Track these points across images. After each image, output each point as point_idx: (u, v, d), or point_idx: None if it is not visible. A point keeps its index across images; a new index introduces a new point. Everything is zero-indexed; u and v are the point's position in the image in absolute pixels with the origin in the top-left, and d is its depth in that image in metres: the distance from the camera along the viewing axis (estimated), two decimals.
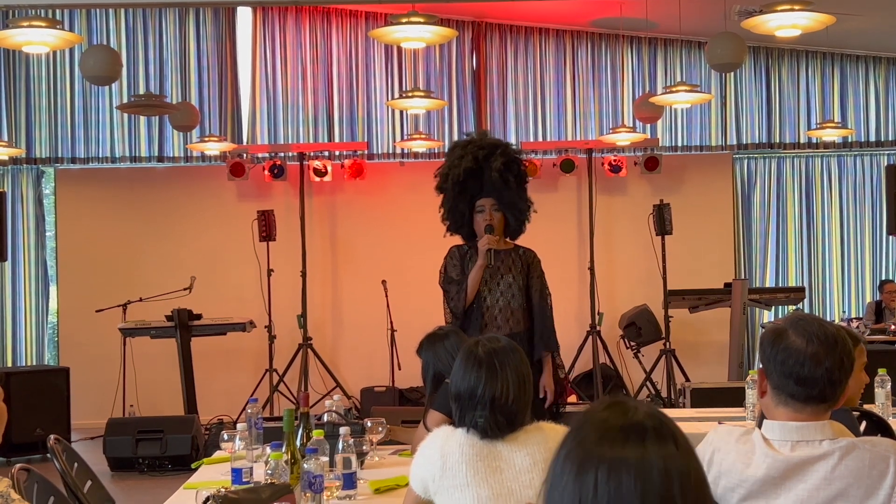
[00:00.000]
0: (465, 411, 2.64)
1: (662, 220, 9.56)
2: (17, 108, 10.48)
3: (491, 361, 2.65)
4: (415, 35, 6.37)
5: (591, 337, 10.07)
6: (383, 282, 9.99)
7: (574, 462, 1.31)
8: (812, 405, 2.38)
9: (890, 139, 11.08)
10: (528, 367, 2.71)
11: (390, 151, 10.73)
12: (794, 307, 10.05)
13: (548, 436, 2.67)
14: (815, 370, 2.35)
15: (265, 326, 9.74)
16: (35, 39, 6.10)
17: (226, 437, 3.83)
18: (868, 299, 10.97)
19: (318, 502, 2.83)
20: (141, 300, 9.46)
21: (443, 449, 2.62)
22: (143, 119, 10.39)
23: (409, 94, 8.72)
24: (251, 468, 3.40)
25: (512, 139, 10.59)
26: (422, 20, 6.19)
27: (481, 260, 4.95)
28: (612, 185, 10.71)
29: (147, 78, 10.54)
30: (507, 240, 5.13)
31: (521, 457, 2.60)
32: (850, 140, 10.96)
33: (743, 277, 10.64)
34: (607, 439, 1.30)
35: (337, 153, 10.62)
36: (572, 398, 9.73)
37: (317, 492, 2.82)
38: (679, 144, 10.94)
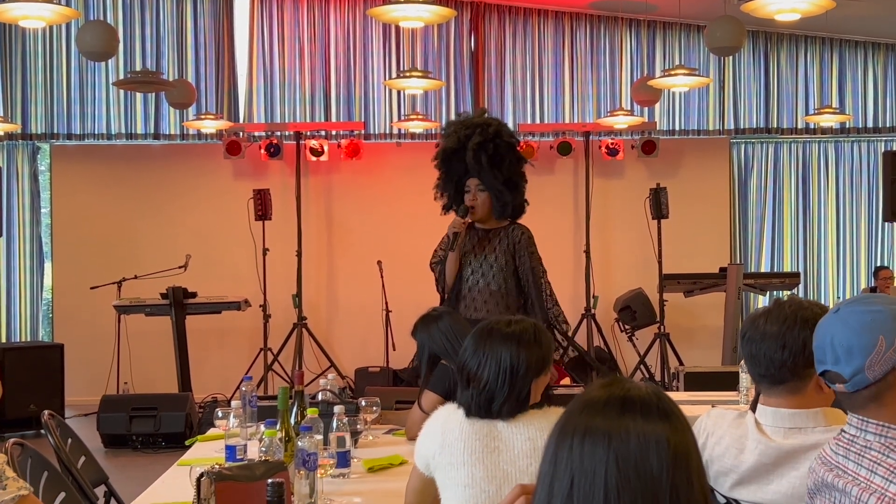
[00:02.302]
0: (458, 386, 2.64)
1: (659, 204, 9.55)
2: (13, 83, 10.44)
3: (482, 341, 2.62)
4: (413, 14, 6.33)
5: (585, 320, 10.09)
6: (379, 262, 9.99)
7: (557, 431, 1.33)
8: (774, 386, 2.35)
9: (888, 125, 11.08)
10: (525, 356, 2.58)
11: (387, 132, 10.71)
12: (789, 292, 10.06)
13: (553, 421, 2.56)
14: (759, 348, 2.33)
15: (260, 305, 9.74)
16: (32, 14, 6.07)
17: (220, 414, 3.83)
18: (863, 285, 11.00)
19: (311, 480, 2.83)
20: (136, 277, 9.45)
21: (444, 425, 2.60)
22: (139, 96, 10.36)
23: (407, 74, 8.69)
24: (245, 445, 3.40)
25: (509, 121, 10.57)
26: None
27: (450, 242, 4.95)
28: (608, 168, 10.71)
29: (144, 54, 10.50)
30: (505, 219, 5.08)
31: (522, 440, 2.55)
32: (847, 126, 10.95)
33: (738, 262, 10.65)
34: (587, 409, 1.32)
35: (333, 133, 10.60)
36: (566, 381, 9.75)
37: (310, 469, 2.82)
38: (677, 128, 10.93)
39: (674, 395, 5.35)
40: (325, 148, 10.41)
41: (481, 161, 4.93)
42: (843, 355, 1.87)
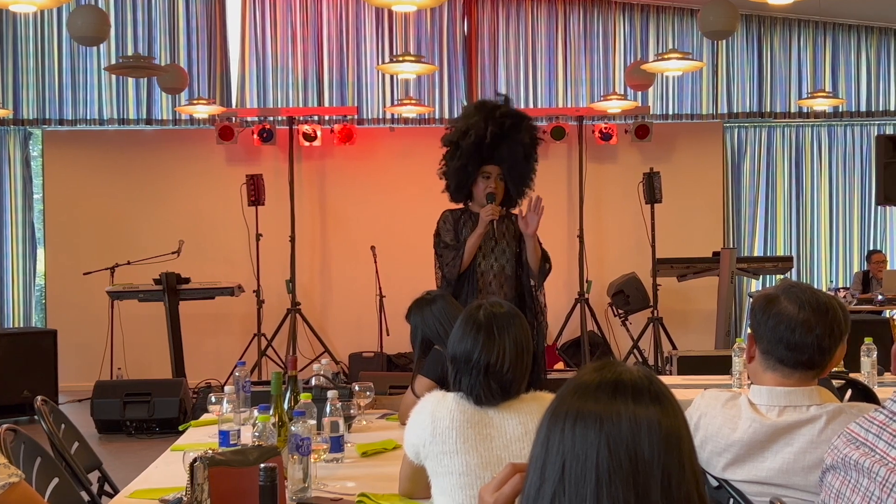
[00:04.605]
0: (460, 375, 2.61)
1: (652, 189, 9.56)
2: (5, 68, 10.39)
3: (490, 327, 2.60)
4: None
5: (579, 304, 10.11)
6: (372, 247, 9.98)
7: (549, 414, 1.33)
8: (800, 371, 2.40)
9: (880, 109, 11.08)
10: (528, 336, 2.66)
11: (380, 117, 10.69)
12: (782, 276, 10.08)
13: (543, 405, 2.57)
14: (805, 336, 2.37)
15: (253, 291, 9.73)
16: None
17: (213, 400, 3.83)
18: (856, 269, 11.02)
19: (305, 465, 2.84)
20: (129, 263, 9.44)
21: (433, 414, 2.59)
22: (131, 81, 10.32)
23: (400, 59, 8.65)
24: (238, 431, 3.41)
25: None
26: None
27: (481, 228, 4.90)
28: (602, 152, 10.70)
29: (135, 39, 10.46)
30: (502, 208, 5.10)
31: (514, 425, 2.56)
32: (840, 110, 10.95)
33: (731, 246, 10.66)
34: (579, 393, 1.32)
35: (326, 118, 10.57)
36: (559, 365, 9.77)
37: (304, 454, 2.82)
38: (670, 112, 10.92)
39: (667, 380, 5.36)
40: (318, 133, 10.38)
41: (530, 156, 5.00)
42: None
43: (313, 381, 4.08)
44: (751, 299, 8.93)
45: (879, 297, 9.81)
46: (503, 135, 4.93)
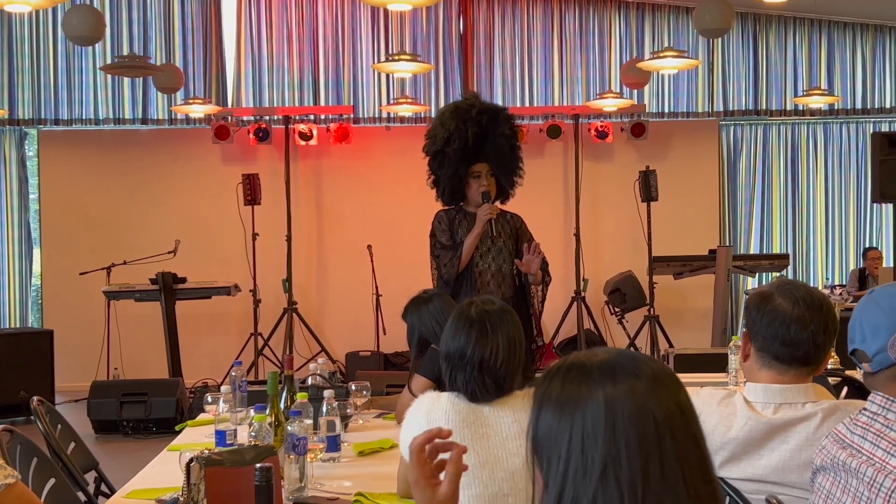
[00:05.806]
0: (454, 372, 2.62)
1: (648, 187, 9.55)
2: (0, 68, 10.37)
3: (482, 323, 2.61)
4: None
5: (575, 303, 10.11)
6: (369, 247, 9.98)
7: (532, 401, 1.35)
8: (796, 367, 2.41)
9: (876, 107, 11.09)
10: (520, 331, 2.67)
11: (376, 116, 10.68)
12: (778, 274, 10.09)
13: None
14: (800, 332, 2.38)
15: (250, 290, 9.72)
16: None
17: (210, 399, 3.83)
18: (852, 266, 11.03)
19: (301, 464, 2.84)
20: (125, 263, 9.42)
21: (429, 415, 2.59)
22: (126, 81, 10.31)
23: (396, 58, 8.64)
24: (235, 430, 3.41)
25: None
26: None
27: (479, 228, 4.90)
28: (598, 151, 10.70)
29: (131, 39, 10.45)
30: (497, 204, 5.11)
31: (509, 423, 2.56)
32: (836, 107, 10.96)
33: (727, 244, 10.67)
34: (557, 379, 1.32)
35: (322, 117, 10.56)
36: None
37: (300, 454, 2.83)
38: (666, 111, 10.92)
39: None
40: (314, 132, 10.38)
41: (514, 147, 5.02)
42: (869, 334, 1.91)
43: (310, 381, 4.09)
44: (746, 297, 8.97)
45: None
46: (484, 132, 4.94)
